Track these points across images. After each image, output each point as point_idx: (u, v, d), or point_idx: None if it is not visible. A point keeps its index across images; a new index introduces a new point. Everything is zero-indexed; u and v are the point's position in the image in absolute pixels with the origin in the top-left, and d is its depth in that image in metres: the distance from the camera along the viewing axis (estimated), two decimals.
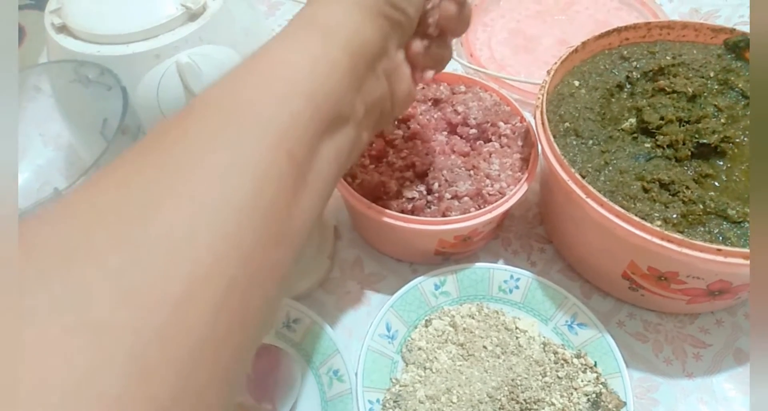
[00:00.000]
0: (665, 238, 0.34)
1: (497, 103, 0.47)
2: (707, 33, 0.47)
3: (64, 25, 0.45)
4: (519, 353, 0.40)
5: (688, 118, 0.41)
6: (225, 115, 0.23)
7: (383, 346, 0.41)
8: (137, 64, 0.44)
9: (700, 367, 0.42)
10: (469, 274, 0.44)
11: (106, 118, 0.42)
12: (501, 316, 0.43)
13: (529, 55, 0.63)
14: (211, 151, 0.22)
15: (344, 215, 0.51)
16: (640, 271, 0.39)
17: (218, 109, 0.24)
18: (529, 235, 0.50)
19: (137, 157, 0.22)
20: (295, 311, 0.42)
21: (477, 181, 0.42)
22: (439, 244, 0.43)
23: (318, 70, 0.26)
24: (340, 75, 0.27)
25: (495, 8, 0.68)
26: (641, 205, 0.38)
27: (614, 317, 0.44)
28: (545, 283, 0.43)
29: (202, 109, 0.24)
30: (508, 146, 0.45)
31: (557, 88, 0.45)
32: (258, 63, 0.26)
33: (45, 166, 0.50)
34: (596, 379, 0.39)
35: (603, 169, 0.40)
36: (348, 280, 0.47)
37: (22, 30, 0.74)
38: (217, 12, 0.46)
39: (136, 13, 0.44)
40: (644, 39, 0.48)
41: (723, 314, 0.44)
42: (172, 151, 0.22)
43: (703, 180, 0.39)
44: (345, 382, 0.39)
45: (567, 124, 0.43)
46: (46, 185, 0.48)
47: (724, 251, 0.33)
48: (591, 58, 0.47)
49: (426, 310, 0.43)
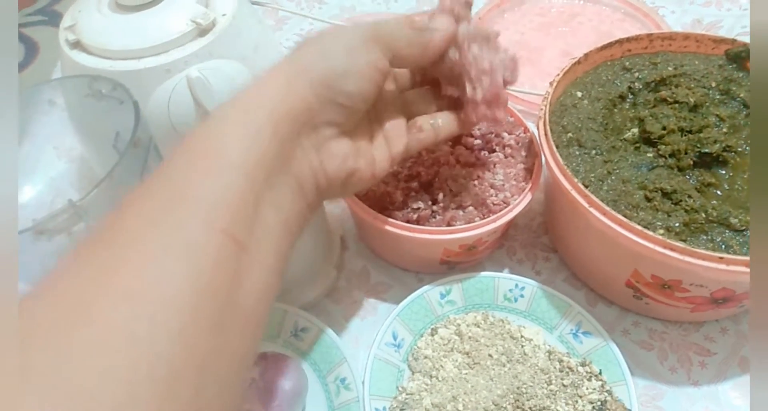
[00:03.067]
0: (668, 247, 0.35)
1: None
2: (709, 44, 0.48)
3: (78, 41, 0.46)
4: (524, 361, 0.41)
5: (690, 127, 0.42)
6: (159, 201, 0.24)
7: (389, 354, 0.41)
8: (149, 79, 0.45)
9: (706, 375, 0.42)
10: (475, 283, 0.45)
11: (118, 132, 0.43)
12: (506, 324, 0.43)
13: (533, 66, 0.63)
14: (146, 242, 0.22)
15: (350, 226, 0.52)
16: (643, 280, 0.40)
17: (151, 197, 0.24)
18: (534, 244, 0.50)
19: (76, 258, 0.22)
20: (302, 320, 0.43)
21: (481, 191, 0.43)
22: (444, 254, 0.44)
23: (245, 143, 0.26)
24: (266, 144, 0.27)
25: (499, 21, 0.69)
26: (644, 214, 0.38)
27: (619, 325, 0.44)
28: (550, 292, 0.44)
29: (135, 200, 0.24)
30: (512, 156, 0.46)
31: (560, 99, 0.46)
32: (192, 142, 0.27)
33: (58, 179, 0.51)
34: (601, 387, 0.39)
35: (606, 178, 0.41)
36: (354, 290, 0.48)
37: (36, 46, 0.76)
38: (227, 27, 0.47)
39: (147, 29, 0.45)
40: (646, 50, 0.49)
41: (728, 322, 0.44)
42: (106, 246, 0.22)
43: (706, 189, 0.40)
44: (352, 390, 0.40)
45: (570, 134, 0.43)
46: (59, 197, 0.49)
47: (727, 259, 0.34)
48: (593, 70, 0.48)
49: (432, 319, 0.44)
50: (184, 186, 0.24)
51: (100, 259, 0.22)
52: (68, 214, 0.34)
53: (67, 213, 0.34)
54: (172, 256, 0.22)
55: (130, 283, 0.21)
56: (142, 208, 0.24)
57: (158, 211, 0.23)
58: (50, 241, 0.34)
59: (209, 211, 0.23)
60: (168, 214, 0.23)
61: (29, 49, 0.75)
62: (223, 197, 0.24)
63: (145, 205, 0.24)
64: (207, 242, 0.23)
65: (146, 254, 0.22)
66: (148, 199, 0.24)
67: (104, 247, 0.22)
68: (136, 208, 0.24)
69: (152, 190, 0.25)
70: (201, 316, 0.21)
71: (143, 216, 0.23)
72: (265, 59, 0.51)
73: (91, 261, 0.22)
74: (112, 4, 0.47)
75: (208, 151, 0.26)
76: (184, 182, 0.24)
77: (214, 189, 0.24)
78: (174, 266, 0.22)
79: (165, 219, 0.23)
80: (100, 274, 0.21)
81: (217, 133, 0.27)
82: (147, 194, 0.24)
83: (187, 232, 0.23)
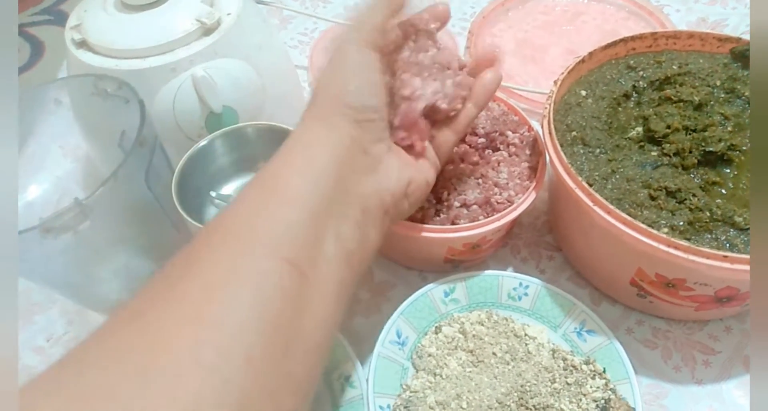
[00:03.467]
0: (672, 245, 0.35)
1: (505, 113, 0.48)
2: (713, 42, 0.48)
3: (84, 41, 0.47)
4: (528, 360, 0.41)
5: (694, 126, 0.42)
6: (224, 234, 0.25)
7: (394, 352, 0.41)
8: (154, 78, 0.45)
9: (710, 374, 0.42)
10: (479, 281, 0.45)
11: (123, 131, 0.43)
12: (510, 323, 0.43)
13: (537, 65, 0.63)
14: (213, 271, 0.23)
15: None
16: (647, 278, 0.40)
17: (218, 231, 0.26)
18: (538, 242, 0.50)
19: (151, 289, 0.24)
20: None
21: (486, 189, 0.43)
22: (448, 252, 0.44)
23: (304, 179, 0.28)
24: (326, 180, 0.29)
25: (503, 19, 0.69)
26: (648, 212, 0.38)
27: (623, 324, 0.45)
28: (554, 291, 0.44)
29: (202, 236, 0.26)
30: (516, 155, 0.46)
31: (564, 98, 0.46)
32: (261, 180, 0.29)
33: (64, 178, 0.51)
34: (605, 385, 0.39)
35: (610, 177, 0.41)
36: (359, 288, 0.48)
37: (42, 45, 0.76)
38: (231, 27, 0.47)
39: (152, 28, 0.46)
40: (650, 49, 0.49)
41: (732, 321, 0.44)
42: (177, 278, 0.23)
43: (710, 188, 0.40)
44: (356, 388, 0.40)
45: (574, 133, 0.43)
46: (66, 196, 0.49)
47: (731, 258, 0.34)
48: (598, 68, 0.48)
49: (436, 317, 0.44)
50: (251, 220, 0.26)
51: (170, 289, 0.23)
52: (74, 213, 0.35)
53: (73, 211, 0.34)
54: (238, 284, 0.23)
55: (197, 312, 0.22)
56: (212, 241, 0.25)
57: (226, 244, 0.25)
58: (56, 240, 0.35)
59: (275, 242, 0.25)
60: (235, 245, 0.25)
61: (35, 48, 0.75)
62: (288, 230, 0.26)
63: (215, 237, 0.25)
64: (271, 271, 0.24)
65: (213, 284, 0.23)
66: (218, 232, 0.26)
67: (175, 277, 0.24)
68: (206, 240, 0.25)
69: (222, 223, 0.26)
70: (266, 342, 0.22)
71: (212, 247, 0.25)
72: (270, 58, 0.51)
73: (161, 290, 0.23)
74: (118, 3, 0.47)
75: (275, 188, 0.28)
76: (251, 216, 0.26)
77: (279, 222, 0.26)
78: (240, 294, 0.23)
79: (232, 250, 0.24)
80: (169, 303, 0.22)
81: (284, 171, 0.29)
82: (218, 227, 0.26)
83: (252, 262, 0.24)
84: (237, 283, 0.23)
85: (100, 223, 0.36)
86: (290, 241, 0.25)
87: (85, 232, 0.35)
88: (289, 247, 0.25)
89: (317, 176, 0.28)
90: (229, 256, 0.24)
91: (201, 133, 0.48)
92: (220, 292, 0.22)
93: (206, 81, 0.45)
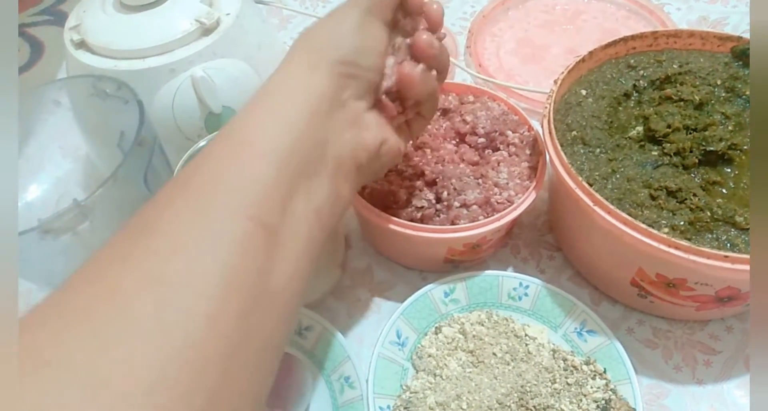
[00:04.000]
0: (673, 245, 0.35)
1: (505, 113, 0.48)
2: (714, 41, 0.47)
3: (83, 41, 0.47)
4: (528, 360, 0.41)
5: (695, 125, 0.42)
6: (189, 190, 0.24)
7: (394, 353, 0.41)
8: (153, 79, 0.45)
9: (711, 374, 0.42)
10: (479, 281, 0.45)
11: (123, 131, 0.43)
12: (510, 323, 0.43)
13: (537, 64, 0.63)
14: (175, 230, 0.23)
15: (354, 224, 0.52)
16: (648, 278, 0.40)
17: (183, 185, 0.25)
18: (538, 242, 0.50)
19: (109, 250, 0.23)
20: (306, 319, 0.43)
21: (486, 189, 0.43)
22: (448, 252, 0.44)
23: (276, 130, 0.27)
24: (298, 132, 0.27)
25: (503, 18, 0.69)
26: (649, 212, 0.38)
27: (623, 324, 0.44)
28: (554, 291, 0.44)
29: (168, 188, 0.25)
30: (516, 155, 0.46)
31: (564, 97, 0.46)
32: (225, 133, 0.27)
33: (63, 178, 0.51)
34: (606, 385, 0.39)
35: (610, 177, 0.40)
36: (359, 288, 0.48)
37: (41, 46, 0.76)
38: (230, 27, 0.47)
39: (151, 29, 0.45)
40: (651, 48, 0.49)
41: (733, 321, 0.44)
42: (137, 237, 0.23)
43: (711, 187, 0.39)
44: (356, 388, 0.40)
45: (574, 132, 0.43)
46: (65, 196, 0.49)
47: (731, 258, 0.33)
48: (598, 67, 0.48)
49: (436, 318, 0.44)
50: (215, 175, 0.25)
51: (131, 248, 0.22)
52: (73, 214, 0.35)
53: (73, 212, 0.34)
54: (201, 244, 0.22)
55: (159, 272, 0.21)
56: (174, 199, 0.24)
57: (188, 201, 0.24)
58: (56, 240, 0.35)
59: (239, 199, 0.24)
60: (197, 203, 0.24)
61: (34, 49, 0.75)
62: (253, 185, 0.25)
63: (177, 195, 0.24)
64: (238, 230, 0.23)
65: (175, 243, 0.22)
66: (180, 189, 0.25)
67: (136, 236, 0.23)
68: (168, 199, 0.24)
69: (184, 180, 0.25)
70: (230, 302, 0.22)
71: (174, 206, 0.24)
72: (270, 58, 0.51)
73: (121, 249, 0.22)
74: (117, 3, 0.47)
75: (244, 140, 0.26)
76: (215, 172, 0.25)
77: (244, 177, 0.25)
78: (202, 254, 0.22)
79: (194, 208, 0.23)
80: (129, 262, 0.21)
81: (249, 122, 0.27)
82: (180, 185, 0.25)
83: (215, 221, 0.23)
84: (202, 243, 0.22)
85: (100, 223, 0.36)
86: (258, 198, 0.24)
87: (84, 233, 0.35)
88: (257, 205, 0.24)
89: (291, 126, 0.27)
90: (194, 215, 0.23)
91: (200, 133, 0.48)
92: (184, 253, 0.22)
93: (205, 81, 0.45)
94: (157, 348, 0.19)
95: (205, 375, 0.20)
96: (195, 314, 0.21)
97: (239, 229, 0.23)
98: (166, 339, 0.20)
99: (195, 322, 0.20)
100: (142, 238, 0.22)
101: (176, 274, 0.21)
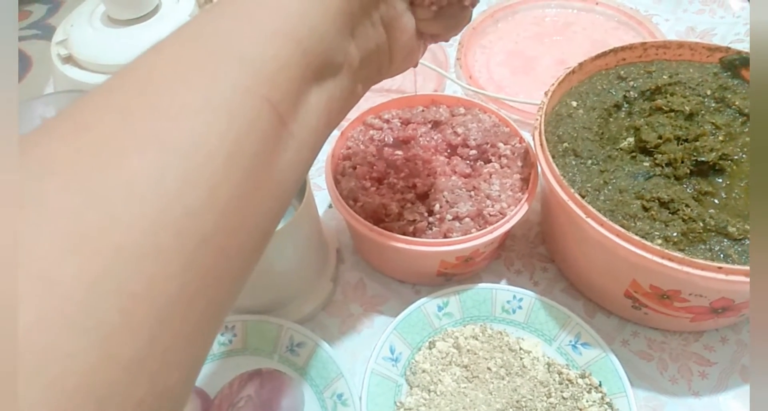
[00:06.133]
0: (666, 257, 0.34)
1: (496, 125, 0.48)
2: (703, 52, 0.48)
3: (70, 56, 0.46)
4: (523, 374, 0.40)
5: (686, 136, 0.42)
6: (200, 49, 0.21)
7: (387, 369, 0.41)
8: None
9: (707, 386, 0.41)
10: (472, 294, 0.44)
11: None
12: (505, 336, 0.42)
13: (528, 76, 0.63)
14: (182, 91, 0.20)
15: (346, 238, 0.51)
16: (642, 290, 0.39)
17: (193, 41, 0.21)
18: (531, 254, 0.50)
19: (98, 98, 0.19)
20: (298, 335, 0.42)
21: (478, 201, 0.43)
22: (441, 266, 0.43)
23: (309, 11, 0.23)
24: (332, 17, 0.24)
25: (493, 30, 0.69)
26: (641, 223, 0.38)
27: (618, 336, 0.44)
28: (548, 303, 0.43)
29: (174, 43, 0.21)
30: (507, 167, 0.45)
31: (555, 109, 0.46)
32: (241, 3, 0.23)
33: None
34: (601, 399, 0.39)
35: (602, 188, 0.40)
36: (351, 303, 0.47)
37: (29, 60, 0.76)
38: None
39: (139, 43, 0.45)
40: (641, 59, 0.49)
41: (727, 332, 0.44)
42: (136, 91, 0.19)
43: (703, 198, 0.39)
44: (349, 406, 0.39)
45: (566, 144, 0.43)
46: None
47: (725, 269, 0.33)
48: (588, 79, 0.48)
49: (429, 332, 0.43)
50: (229, 42, 0.22)
51: (127, 100, 0.19)
52: None
53: None
54: (209, 112, 0.20)
55: (162, 133, 0.18)
56: (181, 56, 0.21)
57: (198, 62, 0.21)
58: None
59: (254, 77, 0.21)
60: (207, 67, 0.21)
61: (22, 63, 0.75)
62: (269, 65, 0.22)
63: (185, 53, 0.21)
64: (250, 107, 0.21)
65: (182, 106, 0.19)
66: (190, 45, 0.21)
67: (133, 89, 0.20)
68: (173, 55, 0.21)
69: (197, 38, 0.22)
70: (233, 182, 0.20)
71: (181, 63, 0.20)
72: None
73: (114, 100, 0.19)
74: (104, 18, 0.47)
75: (262, 9, 0.23)
76: (228, 38, 0.22)
77: (261, 54, 0.22)
78: (210, 122, 0.19)
79: (203, 72, 0.20)
80: (127, 119, 0.18)
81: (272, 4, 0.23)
82: (190, 38, 0.22)
83: (228, 91, 0.20)
84: (208, 113, 0.19)
85: None
86: (271, 80, 0.22)
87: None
88: (272, 87, 0.22)
89: (325, 9, 0.24)
90: (202, 81, 0.20)
91: None
92: (191, 117, 0.19)
93: None
94: (152, 212, 0.17)
95: (201, 250, 0.18)
96: (198, 187, 0.18)
97: (253, 108, 0.21)
98: (161, 204, 0.17)
99: (197, 195, 0.18)
100: (142, 95, 0.19)
101: (182, 140, 0.19)
